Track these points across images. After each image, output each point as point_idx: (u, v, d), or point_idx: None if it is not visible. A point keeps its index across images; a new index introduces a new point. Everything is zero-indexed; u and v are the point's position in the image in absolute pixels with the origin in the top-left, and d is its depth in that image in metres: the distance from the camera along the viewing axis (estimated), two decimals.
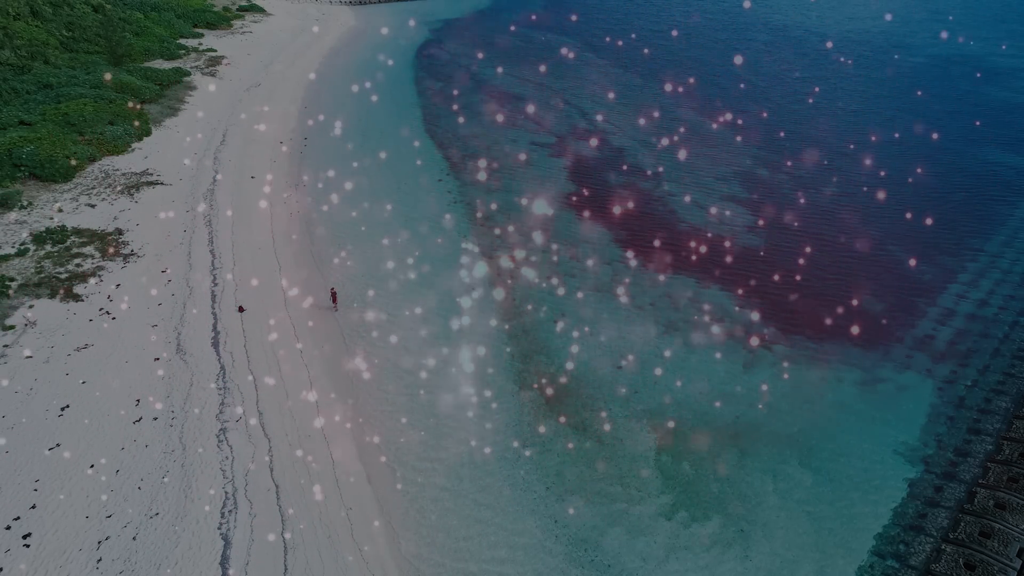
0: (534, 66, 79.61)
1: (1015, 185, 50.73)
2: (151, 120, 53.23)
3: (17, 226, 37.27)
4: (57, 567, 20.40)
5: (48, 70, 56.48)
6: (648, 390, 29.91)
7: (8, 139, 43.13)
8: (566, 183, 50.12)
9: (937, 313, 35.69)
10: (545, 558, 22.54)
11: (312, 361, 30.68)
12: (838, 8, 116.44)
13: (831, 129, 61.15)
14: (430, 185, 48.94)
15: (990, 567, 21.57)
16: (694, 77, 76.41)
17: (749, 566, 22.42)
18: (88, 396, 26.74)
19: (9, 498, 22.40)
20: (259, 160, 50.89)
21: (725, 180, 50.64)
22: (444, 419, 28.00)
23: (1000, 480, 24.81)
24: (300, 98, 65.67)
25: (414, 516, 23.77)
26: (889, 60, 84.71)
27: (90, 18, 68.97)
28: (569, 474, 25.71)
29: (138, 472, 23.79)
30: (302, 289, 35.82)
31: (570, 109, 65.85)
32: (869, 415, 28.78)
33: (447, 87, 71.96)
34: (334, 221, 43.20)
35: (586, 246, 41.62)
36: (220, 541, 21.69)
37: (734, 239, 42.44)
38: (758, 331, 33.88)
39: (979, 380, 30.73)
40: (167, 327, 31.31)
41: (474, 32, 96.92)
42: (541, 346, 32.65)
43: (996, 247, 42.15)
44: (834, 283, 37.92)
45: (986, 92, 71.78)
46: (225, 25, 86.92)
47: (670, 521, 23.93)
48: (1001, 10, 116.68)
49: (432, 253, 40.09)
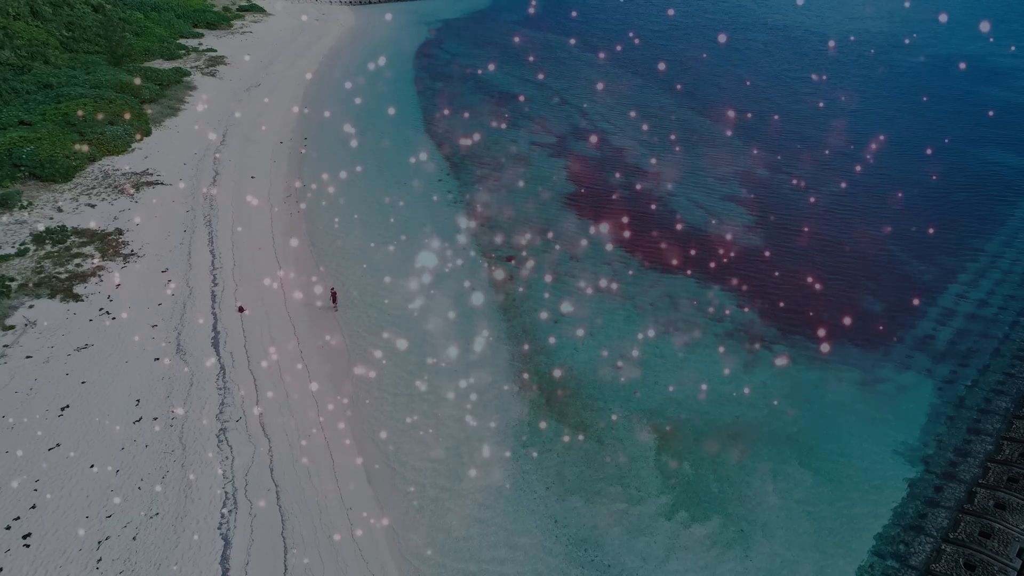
0: (534, 66, 79.61)
1: (1015, 185, 50.71)
2: (151, 120, 53.21)
3: (17, 226, 37.28)
4: (57, 567, 20.40)
5: (48, 70, 56.44)
6: (648, 390, 29.92)
7: (8, 139, 43.13)
8: (566, 183, 50.12)
9: (937, 313, 35.70)
10: (545, 558, 22.56)
11: (312, 361, 30.69)
12: (838, 8, 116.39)
13: (831, 129, 61.10)
14: (430, 185, 48.94)
15: (990, 567, 21.57)
16: (694, 77, 76.43)
17: (749, 566, 22.44)
18: (88, 396, 26.75)
19: (9, 498, 22.41)
20: (259, 160, 50.90)
21: (725, 180, 50.64)
22: (444, 419, 28.03)
23: (1000, 480, 24.82)
24: (300, 98, 65.65)
25: (414, 516, 23.78)
26: (889, 60, 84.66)
27: (90, 18, 68.95)
28: (569, 474, 25.72)
29: (138, 472, 23.80)
30: (302, 289, 35.83)
31: (570, 109, 65.83)
32: (869, 415, 28.78)
33: (447, 87, 71.96)
34: (334, 221, 43.21)
35: (586, 246, 41.64)
36: (220, 541, 21.71)
37: (734, 239, 42.43)
38: (758, 331, 33.90)
39: (979, 380, 30.73)
40: (167, 327, 31.32)
41: (474, 32, 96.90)
42: (541, 346, 32.66)
43: (996, 247, 42.15)
44: (834, 283, 37.91)
45: (986, 92, 71.72)
46: (225, 25, 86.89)
47: (670, 521, 23.94)
48: (1001, 10, 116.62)
49: (432, 253, 40.08)
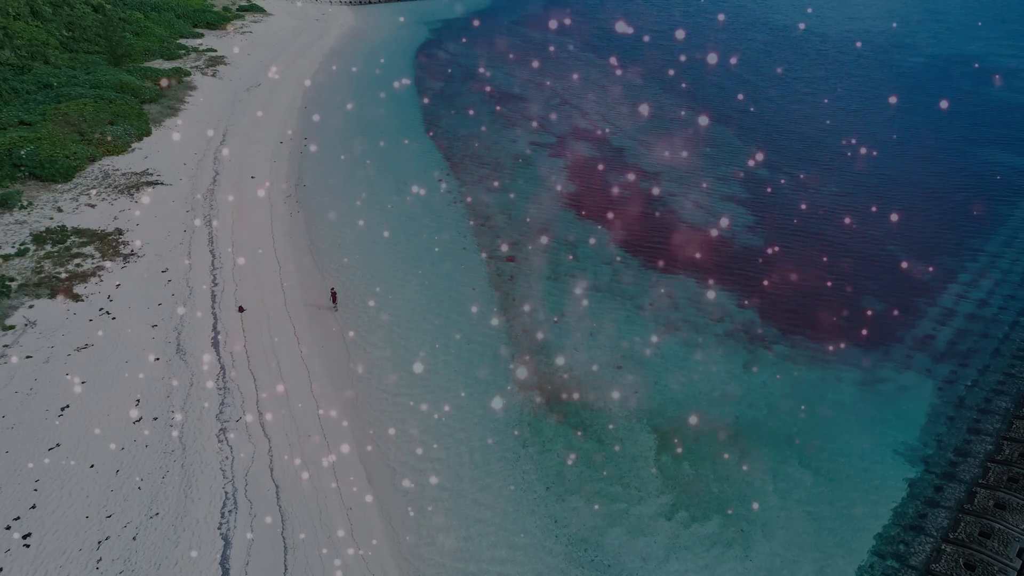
0: (534, 66, 79.61)
1: (1015, 185, 50.71)
2: (151, 120, 53.20)
3: (17, 226, 37.28)
4: (57, 567, 20.40)
5: (48, 70, 56.46)
6: (648, 390, 29.91)
7: (8, 139, 43.12)
8: (566, 183, 50.12)
9: (937, 313, 35.70)
10: (545, 558, 22.55)
11: (312, 361, 30.69)
12: (838, 8, 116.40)
13: (831, 129, 61.13)
14: (430, 184, 48.94)
15: (990, 567, 21.57)
16: (694, 77, 76.41)
17: (749, 566, 22.43)
18: (88, 396, 26.75)
19: (9, 498, 22.40)
20: (259, 160, 50.89)
21: (725, 180, 50.64)
22: (444, 419, 28.01)
23: (1000, 480, 24.82)
24: (300, 98, 65.67)
25: (414, 516, 23.77)
26: (889, 60, 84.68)
27: (90, 18, 68.96)
28: (569, 474, 25.71)
29: (138, 472, 23.80)
30: (302, 289, 35.82)
31: (570, 109, 65.83)
32: (869, 415, 28.79)
33: (447, 87, 71.97)
34: (334, 221, 43.21)
35: (586, 246, 41.63)
36: (220, 541, 21.70)
37: (734, 239, 42.45)
38: (758, 331, 33.90)
39: (979, 380, 30.72)
40: (167, 327, 31.32)
41: (474, 32, 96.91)
42: (541, 346, 32.65)
43: (996, 247, 42.14)
44: (834, 283, 37.91)
45: (986, 92, 71.76)
46: (225, 25, 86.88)
47: (670, 521, 23.93)
48: (1001, 10, 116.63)
49: (432, 253, 40.11)
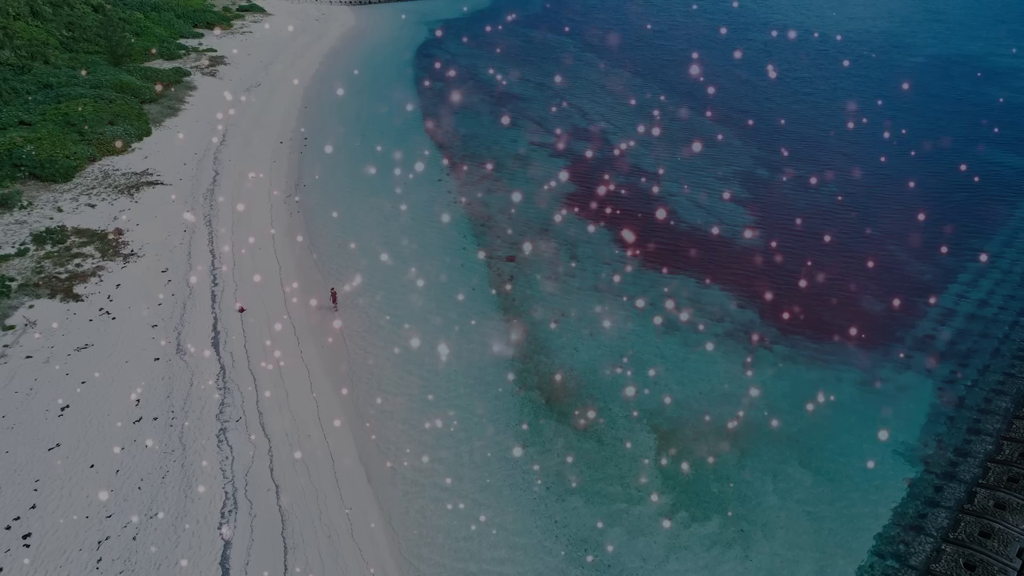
0: (534, 66, 79.59)
1: (1015, 185, 50.69)
2: (151, 120, 53.20)
3: (17, 226, 37.27)
4: (57, 567, 20.40)
5: (48, 70, 56.43)
6: (648, 390, 29.90)
7: (8, 139, 43.11)
8: (566, 183, 50.09)
9: (937, 313, 35.69)
10: (545, 558, 22.56)
11: (312, 361, 30.69)
12: (838, 8, 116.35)
13: (831, 129, 61.09)
14: (430, 184, 48.93)
15: (990, 567, 21.57)
16: (694, 77, 76.35)
17: (749, 566, 22.43)
18: (88, 396, 26.75)
19: (9, 498, 22.40)
20: (259, 160, 50.89)
21: (725, 180, 50.62)
22: (445, 419, 28.01)
23: (1000, 480, 24.81)
24: (300, 98, 65.66)
25: (414, 516, 23.78)
26: (889, 60, 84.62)
27: (90, 18, 68.94)
28: (569, 474, 25.71)
29: (138, 472, 23.80)
30: (302, 289, 35.83)
31: (570, 109, 65.81)
32: (869, 415, 28.78)
33: (447, 87, 71.92)
34: (334, 221, 43.21)
35: (586, 246, 41.62)
36: (220, 541, 21.70)
37: (734, 239, 42.44)
38: (758, 331, 33.89)
39: (979, 380, 30.72)
40: (167, 327, 31.32)
41: (474, 32, 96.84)
42: (541, 346, 32.65)
43: (996, 247, 42.11)
44: (834, 283, 37.90)
45: (986, 92, 71.71)
46: (225, 25, 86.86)
47: (670, 521, 23.94)
48: (1001, 10, 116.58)
49: (432, 253, 40.12)
